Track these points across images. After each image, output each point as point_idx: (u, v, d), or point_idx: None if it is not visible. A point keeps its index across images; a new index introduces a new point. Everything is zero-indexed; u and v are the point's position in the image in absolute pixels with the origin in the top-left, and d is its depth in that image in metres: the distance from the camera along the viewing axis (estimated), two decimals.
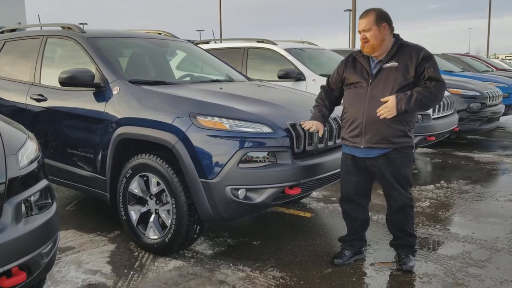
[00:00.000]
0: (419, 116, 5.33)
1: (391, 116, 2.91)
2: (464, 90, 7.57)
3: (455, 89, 7.37)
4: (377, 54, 3.02)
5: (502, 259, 3.33)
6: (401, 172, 3.06)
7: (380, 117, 2.92)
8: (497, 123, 8.36)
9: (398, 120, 2.95)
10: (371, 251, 3.46)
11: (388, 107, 2.89)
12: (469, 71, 11.38)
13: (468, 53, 23.71)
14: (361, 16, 3.05)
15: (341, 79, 3.19)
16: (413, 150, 3.16)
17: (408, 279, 3.04)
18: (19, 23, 22.86)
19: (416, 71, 2.94)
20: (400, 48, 3.00)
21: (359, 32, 3.02)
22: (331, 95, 3.31)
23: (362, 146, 3.04)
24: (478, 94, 7.58)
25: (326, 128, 3.34)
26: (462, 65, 11.86)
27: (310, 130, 3.16)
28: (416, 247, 3.27)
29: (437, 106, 5.73)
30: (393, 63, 2.97)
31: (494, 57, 35.57)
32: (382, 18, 2.99)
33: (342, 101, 3.35)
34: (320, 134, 3.22)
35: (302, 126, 3.17)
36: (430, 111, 5.53)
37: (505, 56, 41.87)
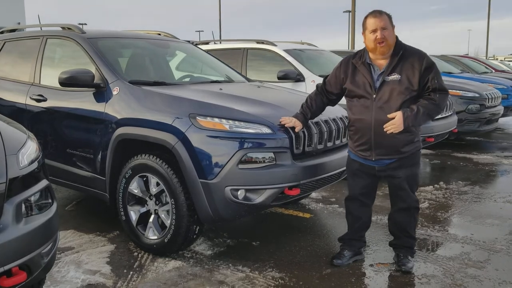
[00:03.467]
0: None
1: (398, 131, 2.90)
2: (463, 92, 7.57)
3: (454, 91, 7.34)
4: (386, 57, 2.95)
5: (500, 260, 3.34)
6: (412, 172, 3.09)
7: (387, 132, 2.92)
8: (496, 124, 8.36)
9: (406, 131, 2.94)
10: (370, 252, 3.47)
11: (395, 124, 2.88)
12: (468, 72, 11.41)
13: (467, 54, 23.79)
14: (375, 15, 2.91)
15: (340, 86, 3.14)
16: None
17: (407, 280, 3.05)
18: (19, 23, 22.87)
19: (420, 82, 2.91)
20: (402, 57, 2.94)
21: (374, 31, 2.89)
22: (324, 96, 3.27)
23: (373, 159, 3.06)
24: (477, 95, 7.58)
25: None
26: (461, 66, 11.89)
27: (287, 125, 3.15)
28: (415, 248, 3.28)
29: None
30: (395, 76, 2.92)
31: (493, 58, 35.69)
32: (392, 21, 2.97)
33: (340, 102, 3.35)
34: (297, 131, 3.19)
35: (281, 121, 3.16)
36: None
37: (504, 58, 41.97)
